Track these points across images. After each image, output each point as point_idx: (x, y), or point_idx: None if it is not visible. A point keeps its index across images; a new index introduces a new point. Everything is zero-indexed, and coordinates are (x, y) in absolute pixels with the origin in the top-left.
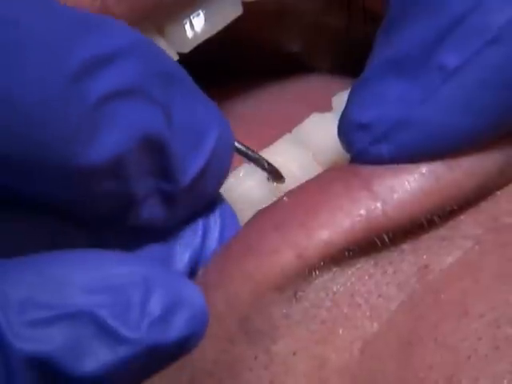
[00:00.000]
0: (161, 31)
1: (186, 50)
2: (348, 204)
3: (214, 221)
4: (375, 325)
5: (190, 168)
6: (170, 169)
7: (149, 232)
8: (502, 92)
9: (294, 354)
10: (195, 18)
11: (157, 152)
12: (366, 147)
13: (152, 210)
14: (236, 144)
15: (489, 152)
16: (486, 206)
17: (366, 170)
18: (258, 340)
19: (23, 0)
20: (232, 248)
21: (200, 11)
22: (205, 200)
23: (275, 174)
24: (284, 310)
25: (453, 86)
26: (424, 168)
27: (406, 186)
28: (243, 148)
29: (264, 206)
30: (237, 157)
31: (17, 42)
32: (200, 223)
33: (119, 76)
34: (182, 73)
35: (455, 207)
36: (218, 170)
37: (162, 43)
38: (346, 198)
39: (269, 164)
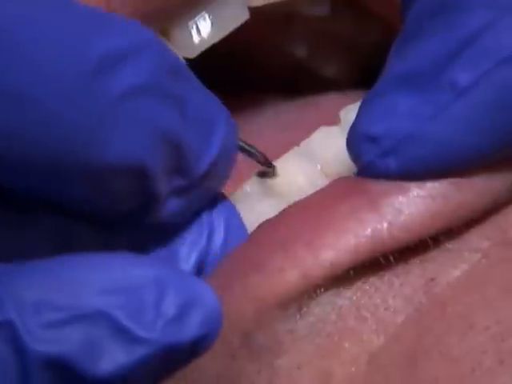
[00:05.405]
0: (167, 36)
1: (193, 55)
2: (354, 225)
3: (219, 221)
4: (381, 338)
5: (202, 160)
6: (185, 163)
7: (155, 233)
8: None
9: (299, 367)
10: (201, 23)
11: (174, 148)
12: (373, 160)
13: (169, 207)
14: None
15: (498, 171)
16: (493, 220)
17: (373, 186)
18: (262, 355)
19: None
20: (236, 264)
21: (206, 15)
22: (212, 194)
23: (268, 167)
24: (288, 326)
25: (463, 104)
26: (432, 188)
27: (414, 208)
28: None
29: (267, 219)
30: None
31: (33, 39)
32: (205, 223)
33: (136, 72)
34: (188, 69)
35: (462, 226)
36: (227, 161)
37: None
38: (353, 219)
39: (265, 158)
